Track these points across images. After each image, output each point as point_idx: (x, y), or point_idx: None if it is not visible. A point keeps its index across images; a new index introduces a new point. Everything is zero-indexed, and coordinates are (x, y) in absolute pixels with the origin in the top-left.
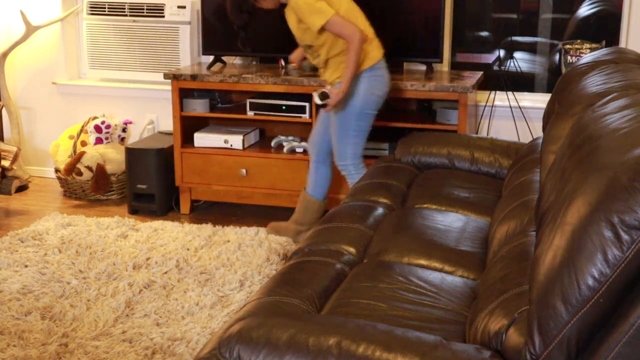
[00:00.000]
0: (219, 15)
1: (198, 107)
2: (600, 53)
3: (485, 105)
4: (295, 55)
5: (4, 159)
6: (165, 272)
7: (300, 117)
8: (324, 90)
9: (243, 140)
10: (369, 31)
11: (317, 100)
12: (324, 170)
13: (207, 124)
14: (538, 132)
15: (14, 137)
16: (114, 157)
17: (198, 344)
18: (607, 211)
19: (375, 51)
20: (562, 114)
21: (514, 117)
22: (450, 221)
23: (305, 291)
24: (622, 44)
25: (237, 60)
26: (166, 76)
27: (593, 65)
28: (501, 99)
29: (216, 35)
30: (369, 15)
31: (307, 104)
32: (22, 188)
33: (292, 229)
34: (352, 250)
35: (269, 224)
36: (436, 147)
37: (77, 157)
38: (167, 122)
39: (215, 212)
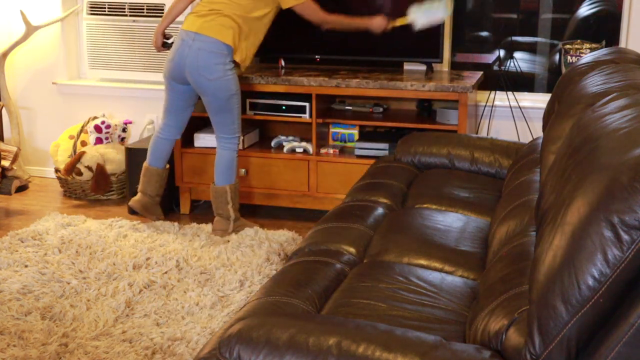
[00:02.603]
0: None
1: (198, 107)
2: (600, 53)
3: (485, 105)
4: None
5: (4, 159)
6: (165, 272)
7: (300, 117)
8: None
9: (243, 140)
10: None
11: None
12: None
13: (207, 124)
14: (538, 132)
15: (14, 137)
16: (114, 157)
17: (198, 344)
18: (607, 211)
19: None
20: (562, 114)
21: (514, 117)
22: (450, 221)
23: (305, 291)
24: (622, 44)
25: None
26: None
27: (593, 65)
28: (501, 99)
29: None
30: (369, 14)
31: (307, 104)
32: (22, 188)
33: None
34: (352, 250)
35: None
36: (436, 147)
37: (77, 157)
38: None
39: None
